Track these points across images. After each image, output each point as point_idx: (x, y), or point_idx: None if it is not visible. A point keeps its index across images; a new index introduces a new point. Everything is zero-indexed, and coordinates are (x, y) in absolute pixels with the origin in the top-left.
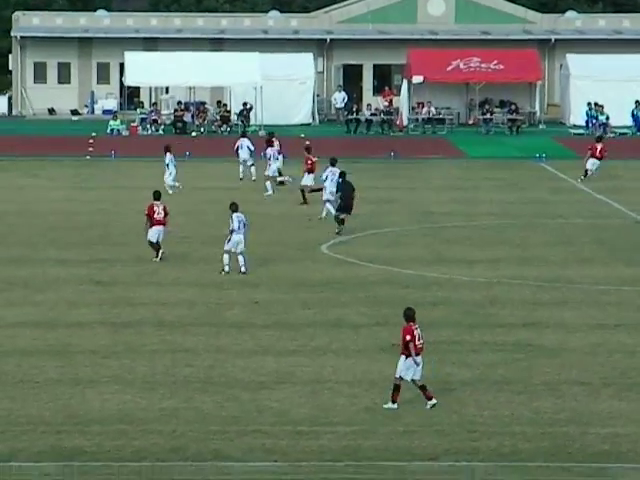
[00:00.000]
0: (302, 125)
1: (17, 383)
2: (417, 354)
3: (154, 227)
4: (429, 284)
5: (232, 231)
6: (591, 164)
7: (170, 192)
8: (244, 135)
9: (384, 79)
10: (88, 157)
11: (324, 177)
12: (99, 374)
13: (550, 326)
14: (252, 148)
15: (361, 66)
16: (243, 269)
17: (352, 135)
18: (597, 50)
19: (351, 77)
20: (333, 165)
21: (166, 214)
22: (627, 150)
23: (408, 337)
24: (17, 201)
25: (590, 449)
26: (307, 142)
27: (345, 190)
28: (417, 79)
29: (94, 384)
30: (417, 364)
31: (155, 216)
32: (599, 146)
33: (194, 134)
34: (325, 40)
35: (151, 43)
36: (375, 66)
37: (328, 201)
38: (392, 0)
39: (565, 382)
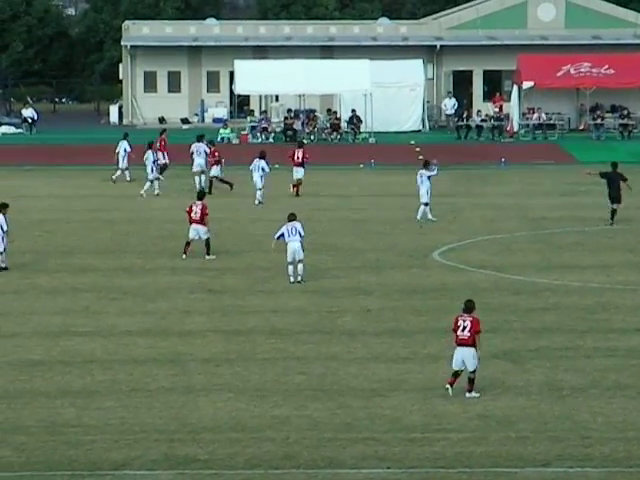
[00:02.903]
0: (412, 132)
1: (130, 392)
2: (459, 344)
3: (190, 225)
4: (540, 290)
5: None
6: None
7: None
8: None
9: (494, 85)
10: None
11: (418, 180)
12: (211, 382)
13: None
14: (267, 170)
15: (471, 72)
16: (299, 278)
17: (462, 141)
18: None
19: (461, 83)
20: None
21: (203, 214)
22: None
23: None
24: (127, 209)
25: None
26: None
27: (614, 180)
28: (527, 85)
29: (206, 392)
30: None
31: (192, 215)
32: None
33: (304, 142)
34: (435, 46)
35: (260, 51)
36: (485, 72)
37: (425, 204)
38: (502, 5)
39: None
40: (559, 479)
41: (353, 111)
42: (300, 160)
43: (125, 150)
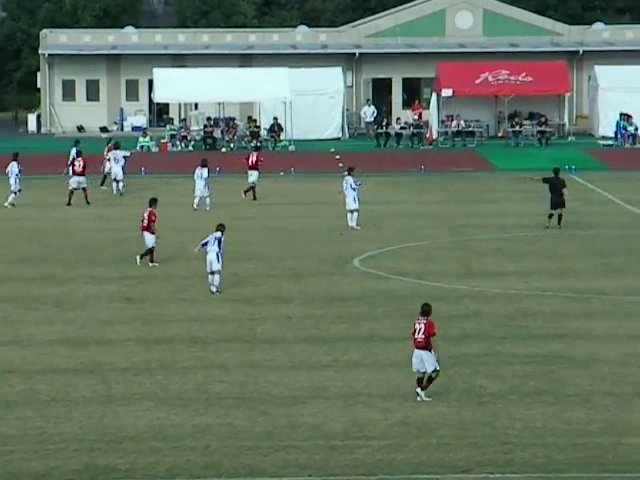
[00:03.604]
0: (332, 139)
1: (49, 401)
2: (415, 347)
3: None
4: (460, 297)
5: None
6: None
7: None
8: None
9: (413, 92)
10: None
11: (344, 187)
12: (132, 391)
13: (581, 337)
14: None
15: (390, 80)
16: (214, 289)
17: (382, 149)
18: (625, 61)
19: (380, 91)
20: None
21: (150, 221)
22: None
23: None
24: (47, 219)
25: (623, 459)
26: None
27: (556, 186)
28: (446, 92)
29: (127, 401)
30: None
31: (142, 222)
32: None
33: (224, 150)
34: (354, 54)
35: (180, 59)
36: (404, 80)
37: (350, 211)
38: (420, 14)
39: (597, 393)
40: None
41: (275, 119)
42: (254, 163)
43: (74, 157)
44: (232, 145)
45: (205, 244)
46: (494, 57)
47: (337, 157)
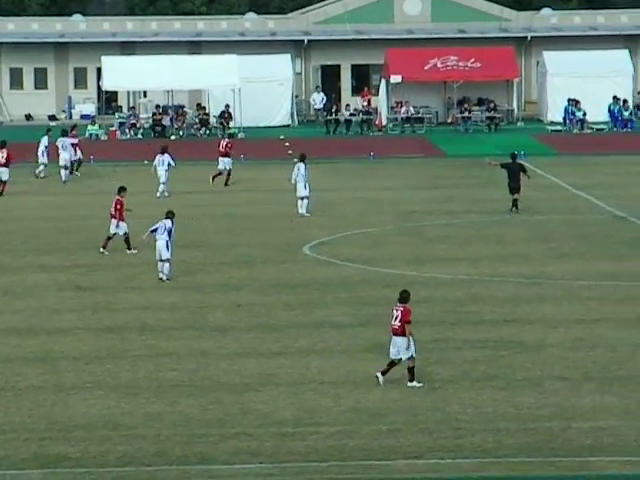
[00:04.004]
0: (281, 126)
1: None
2: (392, 334)
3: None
4: (410, 283)
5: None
6: None
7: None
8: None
9: (362, 79)
10: None
11: (295, 173)
12: (82, 380)
13: (531, 322)
14: (172, 164)
15: (339, 66)
16: (163, 277)
17: (331, 135)
18: (573, 47)
19: (329, 78)
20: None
21: (116, 208)
22: (604, 146)
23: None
24: None
25: (573, 443)
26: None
27: (514, 171)
28: (395, 79)
29: (77, 390)
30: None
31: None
32: None
33: (173, 137)
34: (302, 41)
35: (128, 47)
36: (353, 66)
37: (301, 198)
38: (369, 0)
39: (547, 377)
40: (431, 470)
41: (227, 106)
42: (224, 150)
43: (45, 146)
44: (181, 133)
45: (154, 230)
46: (443, 43)
47: (287, 144)
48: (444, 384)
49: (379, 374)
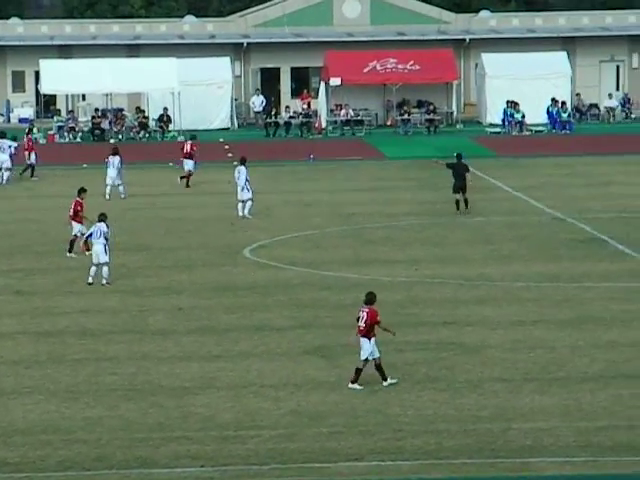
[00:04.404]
0: (221, 129)
1: None
2: (359, 335)
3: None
4: (351, 285)
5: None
6: None
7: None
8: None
9: (302, 82)
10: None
11: (236, 176)
12: (22, 384)
13: (471, 324)
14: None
15: (278, 69)
16: (104, 281)
17: (271, 138)
18: (511, 49)
19: (269, 80)
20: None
21: (75, 210)
22: (543, 147)
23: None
24: None
25: (513, 444)
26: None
27: (459, 171)
28: (334, 81)
29: (17, 395)
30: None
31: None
32: None
33: (112, 141)
34: (242, 44)
35: (66, 50)
36: (292, 69)
37: (242, 201)
38: (308, 3)
39: (487, 379)
40: (372, 473)
41: (165, 109)
42: (188, 152)
43: (10, 148)
44: (120, 136)
45: (89, 236)
46: (382, 46)
47: (226, 147)
48: (385, 386)
49: (386, 381)
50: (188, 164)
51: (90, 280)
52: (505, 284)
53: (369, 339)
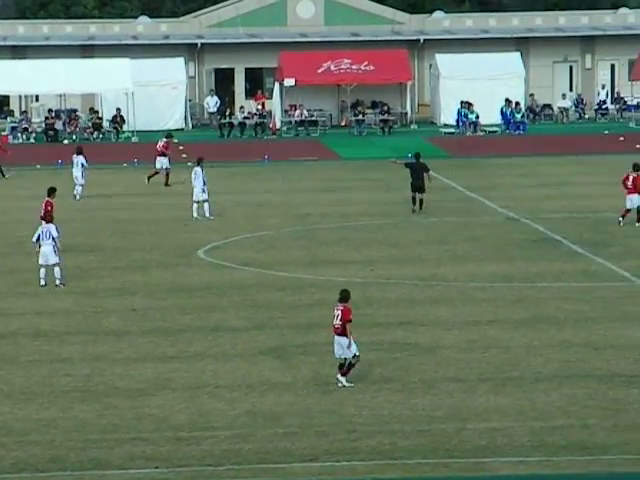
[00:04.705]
0: (175, 130)
1: None
2: (335, 334)
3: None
4: (305, 286)
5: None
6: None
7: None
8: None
9: (256, 82)
10: None
11: (192, 177)
12: None
13: (426, 324)
14: (86, 165)
15: (233, 70)
16: (57, 282)
17: (225, 139)
18: (465, 49)
19: (223, 81)
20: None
21: (46, 211)
22: (497, 148)
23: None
24: None
25: (468, 444)
26: None
27: (417, 171)
28: (289, 82)
29: None
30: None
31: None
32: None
33: (66, 142)
34: (196, 45)
35: (19, 51)
36: (247, 70)
37: (197, 202)
38: (261, 3)
39: (442, 379)
40: (326, 473)
41: (118, 110)
42: (162, 150)
43: None
44: (74, 137)
45: (38, 238)
46: (336, 46)
47: (181, 148)
48: (340, 387)
49: (339, 376)
50: (161, 162)
51: (42, 282)
52: (459, 284)
53: (346, 336)
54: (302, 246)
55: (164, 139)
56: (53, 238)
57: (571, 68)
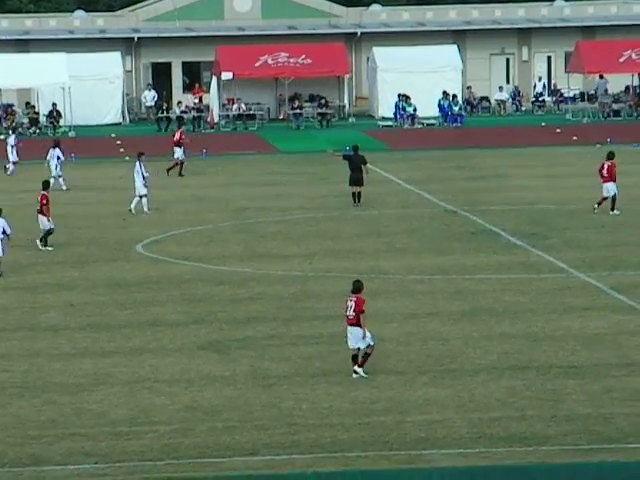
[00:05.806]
0: (113, 125)
1: None
2: (348, 324)
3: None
4: (244, 280)
5: None
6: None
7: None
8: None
9: (193, 76)
10: None
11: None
12: None
13: (365, 317)
14: (62, 158)
15: (170, 64)
16: None
17: (163, 133)
18: (402, 42)
19: (160, 75)
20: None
21: (41, 204)
22: (434, 140)
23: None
24: None
25: (407, 437)
26: None
27: (355, 164)
28: (226, 75)
29: None
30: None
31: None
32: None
33: (2, 137)
34: (132, 39)
35: None
36: (184, 63)
37: (139, 196)
38: None
39: (381, 372)
40: (266, 467)
41: (54, 105)
42: (178, 140)
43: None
44: (10, 132)
45: None
46: (273, 40)
47: (118, 142)
48: (279, 380)
49: (356, 368)
50: (177, 152)
51: None
52: (398, 277)
53: (360, 327)
54: (241, 240)
55: (178, 130)
56: (5, 232)
57: (508, 60)
